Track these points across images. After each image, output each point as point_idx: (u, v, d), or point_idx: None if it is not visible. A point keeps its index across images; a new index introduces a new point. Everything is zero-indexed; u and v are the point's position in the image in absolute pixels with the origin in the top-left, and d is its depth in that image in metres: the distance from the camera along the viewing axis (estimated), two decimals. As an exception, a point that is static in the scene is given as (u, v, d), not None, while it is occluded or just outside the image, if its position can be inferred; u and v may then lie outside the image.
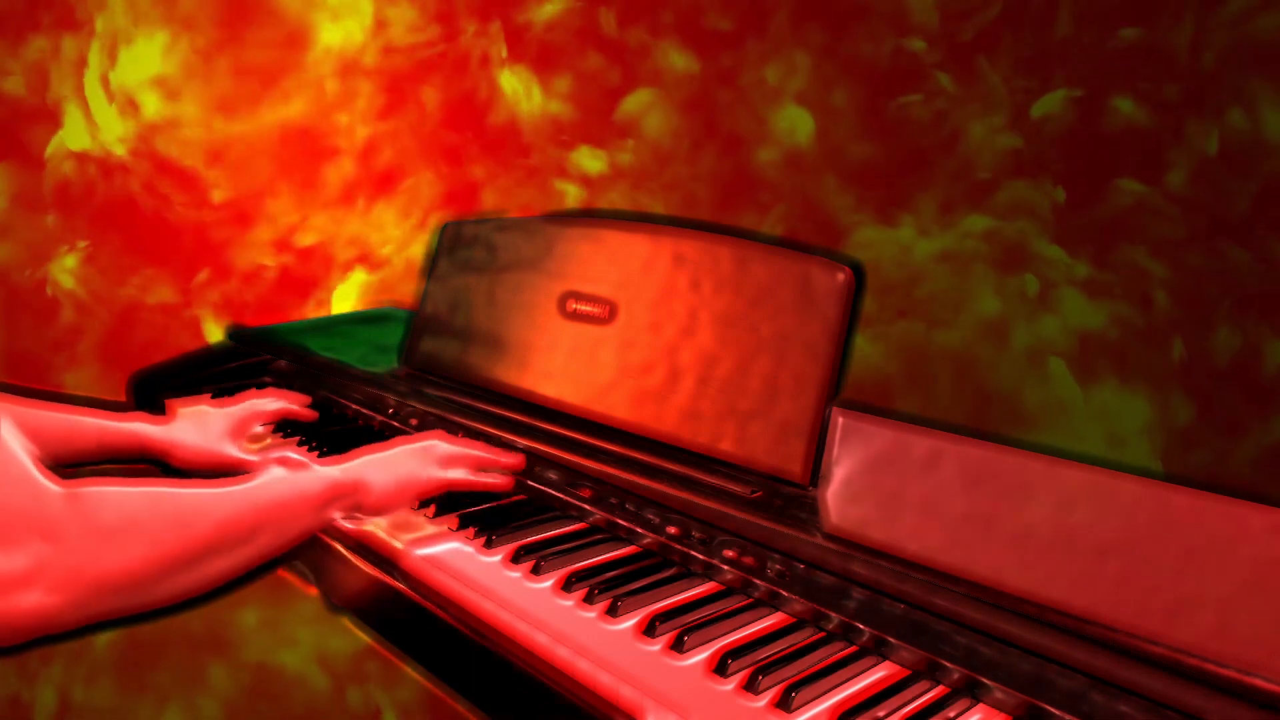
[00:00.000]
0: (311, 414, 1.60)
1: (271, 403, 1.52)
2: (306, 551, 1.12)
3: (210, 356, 1.90)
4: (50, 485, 0.85)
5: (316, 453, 1.49)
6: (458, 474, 1.26)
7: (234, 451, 1.41)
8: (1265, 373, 1.67)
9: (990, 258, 1.88)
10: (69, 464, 1.31)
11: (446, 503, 1.29)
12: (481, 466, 1.31)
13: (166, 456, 1.37)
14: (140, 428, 1.37)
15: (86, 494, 0.86)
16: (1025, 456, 0.93)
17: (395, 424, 1.59)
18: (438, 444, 1.27)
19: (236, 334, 1.97)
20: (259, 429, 1.55)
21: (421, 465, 1.23)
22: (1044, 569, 0.88)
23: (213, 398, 1.63)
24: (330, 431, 1.60)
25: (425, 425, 1.54)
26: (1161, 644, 0.81)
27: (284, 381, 1.85)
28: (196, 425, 1.41)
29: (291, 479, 1.07)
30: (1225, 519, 0.81)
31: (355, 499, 1.14)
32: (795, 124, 2.06)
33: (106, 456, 1.34)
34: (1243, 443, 1.67)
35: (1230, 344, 1.70)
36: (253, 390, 1.61)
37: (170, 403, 1.51)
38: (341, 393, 1.73)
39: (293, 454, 1.15)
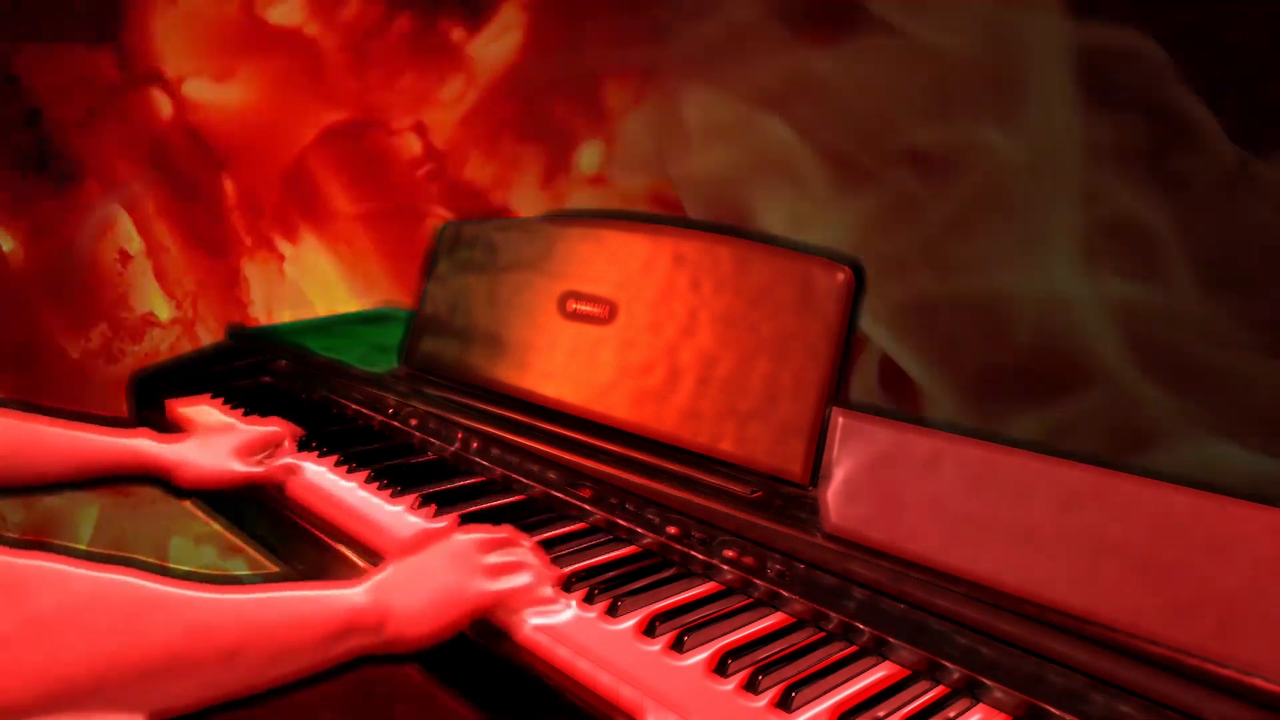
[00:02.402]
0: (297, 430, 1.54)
1: (275, 430, 1.49)
2: (303, 690, 0.87)
3: (210, 356, 1.90)
4: None
5: (317, 452, 1.49)
6: (509, 584, 1.01)
7: (241, 468, 1.39)
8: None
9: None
10: (74, 481, 1.31)
11: (446, 500, 1.29)
12: (526, 571, 1.05)
13: (171, 474, 1.36)
14: (146, 444, 1.36)
15: (26, 568, 0.70)
16: (1025, 456, 0.93)
17: (395, 424, 1.59)
18: (474, 550, 1.03)
19: (236, 333, 1.97)
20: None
21: (463, 578, 0.98)
22: (1044, 569, 0.88)
23: (212, 398, 1.64)
24: (330, 431, 1.60)
25: (425, 426, 1.54)
26: (1161, 644, 0.81)
27: (284, 381, 1.85)
28: (203, 445, 1.40)
29: (301, 598, 0.86)
30: (1225, 519, 0.81)
31: (380, 635, 0.91)
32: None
33: (112, 473, 1.33)
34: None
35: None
36: (257, 416, 1.59)
37: (170, 403, 1.51)
38: (341, 393, 1.73)
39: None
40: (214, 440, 1.42)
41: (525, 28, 2.22)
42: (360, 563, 1.20)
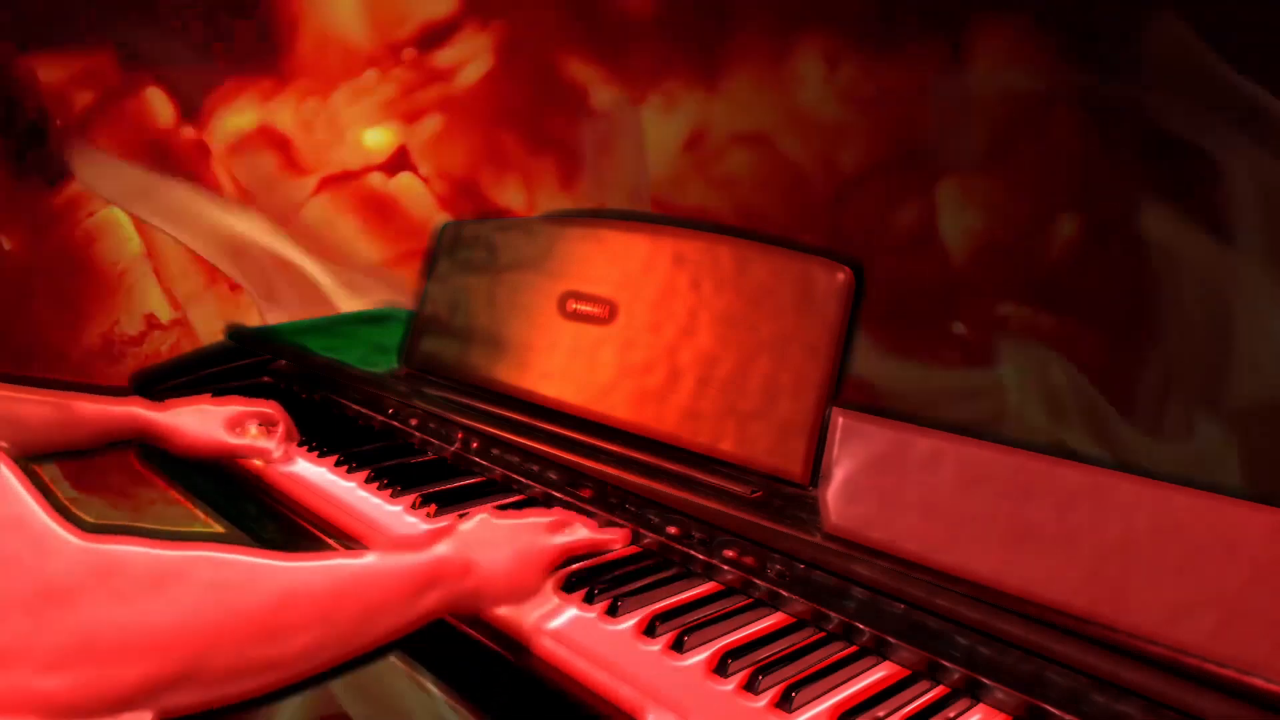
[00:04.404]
0: (294, 431, 1.55)
1: (267, 410, 1.51)
2: (383, 656, 0.88)
3: (210, 356, 1.90)
4: (66, 535, 0.68)
5: (317, 452, 1.49)
6: (572, 539, 1.11)
7: (232, 439, 1.44)
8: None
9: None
10: (69, 449, 1.33)
11: (445, 500, 1.29)
12: (591, 548, 1.15)
13: (166, 439, 1.41)
14: (138, 411, 1.40)
15: (108, 550, 0.70)
16: (1025, 456, 0.93)
17: (395, 424, 1.59)
18: (541, 525, 1.10)
19: (236, 334, 1.97)
20: (254, 429, 1.54)
21: (535, 537, 1.05)
22: (1044, 569, 0.88)
23: (213, 397, 1.63)
24: (330, 431, 1.60)
25: (425, 426, 1.54)
26: (1161, 644, 0.80)
27: (284, 382, 1.85)
28: (195, 414, 1.45)
29: (385, 556, 0.88)
30: (1225, 519, 0.81)
31: (464, 586, 0.92)
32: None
33: (106, 439, 1.37)
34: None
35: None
36: (257, 401, 1.58)
37: (171, 402, 1.51)
38: (341, 393, 1.73)
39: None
40: (207, 410, 1.45)
41: (493, 49, 2.24)
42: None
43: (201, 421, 1.43)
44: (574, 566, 1.12)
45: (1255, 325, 1.27)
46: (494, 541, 0.98)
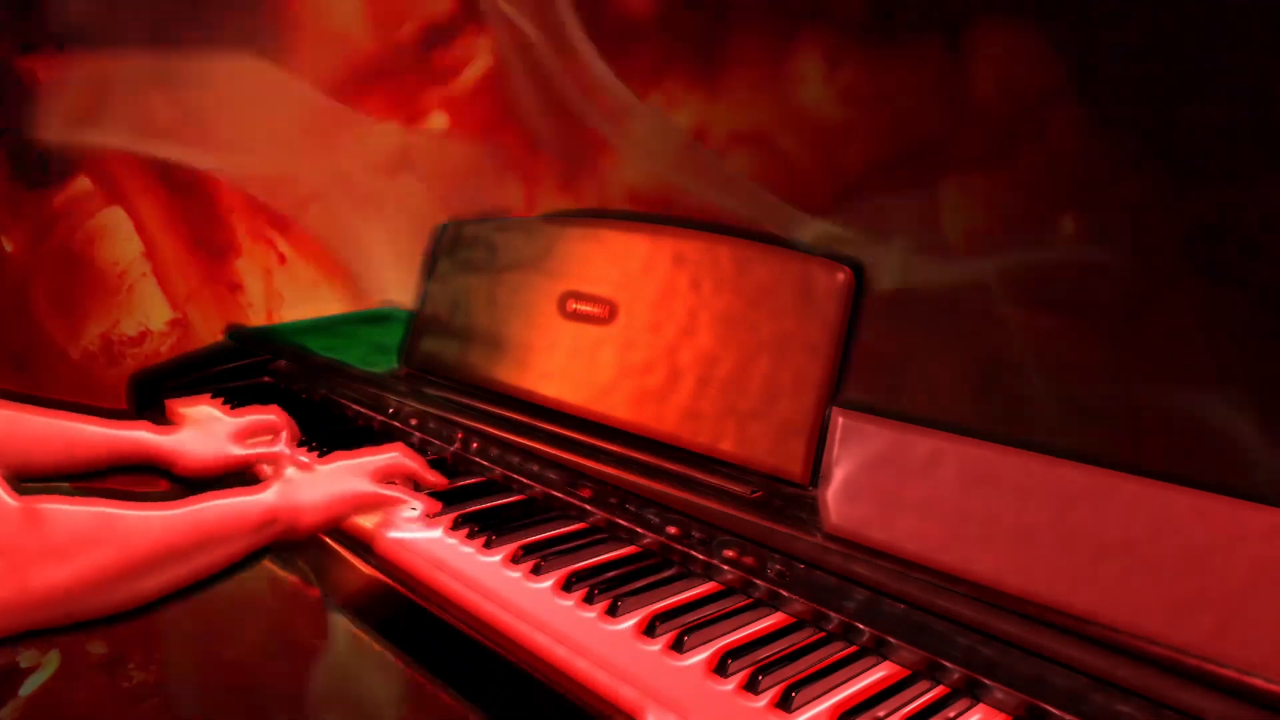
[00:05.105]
0: (296, 432, 1.53)
1: (274, 416, 1.48)
2: (239, 571, 1.15)
3: (210, 356, 1.90)
4: (8, 499, 0.90)
5: (317, 452, 1.49)
6: (382, 489, 1.27)
7: (239, 451, 1.40)
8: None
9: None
10: (74, 474, 1.30)
11: (445, 500, 1.29)
12: (409, 477, 1.33)
13: (171, 464, 1.36)
14: (145, 436, 1.35)
15: (41, 509, 0.92)
16: (1025, 456, 0.93)
17: (395, 424, 1.59)
18: (373, 460, 1.30)
19: (236, 334, 1.97)
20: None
21: (352, 481, 1.24)
22: (1044, 569, 0.89)
23: (212, 398, 1.63)
24: (331, 431, 1.60)
25: (425, 425, 1.54)
26: (1161, 644, 0.81)
27: (284, 381, 1.85)
28: (201, 433, 1.40)
29: (230, 503, 1.11)
30: (1225, 519, 0.81)
31: (291, 522, 1.16)
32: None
33: (111, 464, 1.33)
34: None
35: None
36: (256, 406, 1.55)
37: (170, 403, 1.51)
38: (341, 393, 1.73)
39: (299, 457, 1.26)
40: (210, 427, 1.42)
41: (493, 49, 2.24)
42: (362, 566, 1.21)
43: (205, 440, 1.40)
44: (575, 567, 1.12)
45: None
46: (315, 486, 1.21)
